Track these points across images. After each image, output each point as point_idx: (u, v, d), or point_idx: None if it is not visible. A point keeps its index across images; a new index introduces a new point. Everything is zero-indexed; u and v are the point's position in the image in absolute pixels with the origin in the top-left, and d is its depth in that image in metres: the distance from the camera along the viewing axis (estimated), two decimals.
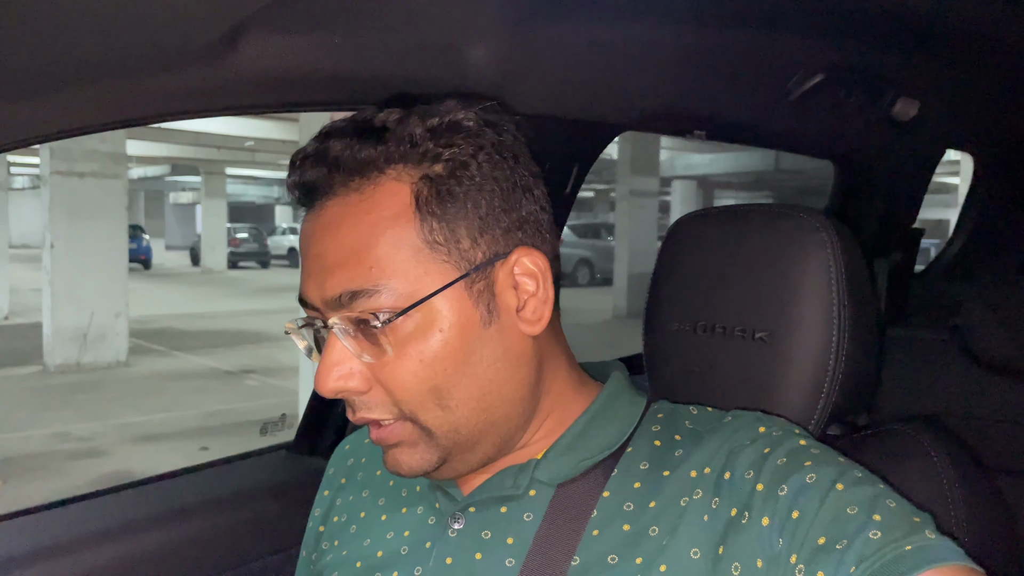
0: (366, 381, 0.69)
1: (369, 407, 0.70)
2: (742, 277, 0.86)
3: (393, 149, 0.68)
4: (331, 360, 0.68)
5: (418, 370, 0.68)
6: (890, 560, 0.56)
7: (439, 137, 0.68)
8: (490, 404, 0.70)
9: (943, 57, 1.36)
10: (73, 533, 1.05)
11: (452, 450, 0.71)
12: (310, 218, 0.70)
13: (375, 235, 0.66)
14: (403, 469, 0.71)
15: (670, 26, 1.10)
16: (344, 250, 0.67)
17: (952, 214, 15.30)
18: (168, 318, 12.57)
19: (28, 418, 6.68)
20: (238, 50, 0.82)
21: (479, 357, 0.69)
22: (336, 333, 0.68)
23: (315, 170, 0.69)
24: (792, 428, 0.71)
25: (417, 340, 0.67)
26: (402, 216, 0.67)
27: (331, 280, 0.67)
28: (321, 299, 0.68)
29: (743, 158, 18.35)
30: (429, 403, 0.68)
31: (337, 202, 0.68)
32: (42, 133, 0.80)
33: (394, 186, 0.67)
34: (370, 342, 0.68)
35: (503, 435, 0.73)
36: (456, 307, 0.68)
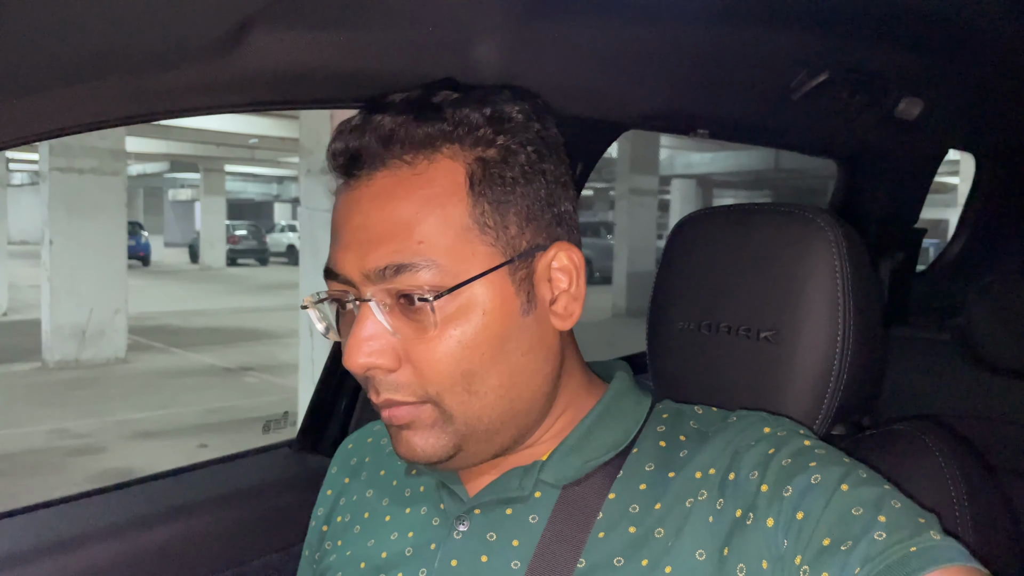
0: (397, 359, 0.67)
1: (395, 387, 0.68)
2: (747, 276, 0.86)
3: (450, 129, 0.68)
4: (363, 334, 0.66)
5: (456, 352, 0.66)
6: (895, 561, 0.55)
7: (494, 123, 0.69)
8: (516, 395, 0.70)
9: (947, 57, 1.36)
10: (76, 530, 1.05)
11: (469, 438, 0.70)
12: (353, 187, 0.69)
13: (426, 211, 0.66)
14: (417, 453, 0.70)
15: (674, 25, 1.10)
16: (392, 223, 0.66)
17: (951, 214, 15.31)
18: (167, 315, 12.56)
19: (27, 414, 6.68)
20: (243, 47, 0.81)
21: (514, 345, 0.69)
22: (372, 307, 0.67)
23: (367, 140, 0.68)
24: (797, 428, 0.71)
25: (459, 321, 0.66)
26: (455, 195, 0.67)
27: (376, 252, 0.66)
28: (360, 271, 0.67)
29: (743, 157, 18.35)
30: (459, 387, 0.67)
31: (388, 174, 0.67)
32: (46, 130, 0.80)
33: (449, 164, 0.67)
34: (408, 319, 0.67)
35: (520, 428, 0.72)
36: (499, 292, 0.68)
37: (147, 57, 0.78)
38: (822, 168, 12.89)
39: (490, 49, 0.99)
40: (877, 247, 1.85)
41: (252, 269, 23.96)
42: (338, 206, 0.71)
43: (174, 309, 13.29)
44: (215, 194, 22.98)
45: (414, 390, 0.68)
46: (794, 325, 0.82)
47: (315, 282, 4.75)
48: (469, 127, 0.68)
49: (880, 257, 1.88)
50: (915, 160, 1.83)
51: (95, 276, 8.78)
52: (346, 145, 0.69)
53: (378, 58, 0.94)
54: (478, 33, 0.98)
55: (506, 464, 0.75)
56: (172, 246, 31.61)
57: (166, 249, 29.37)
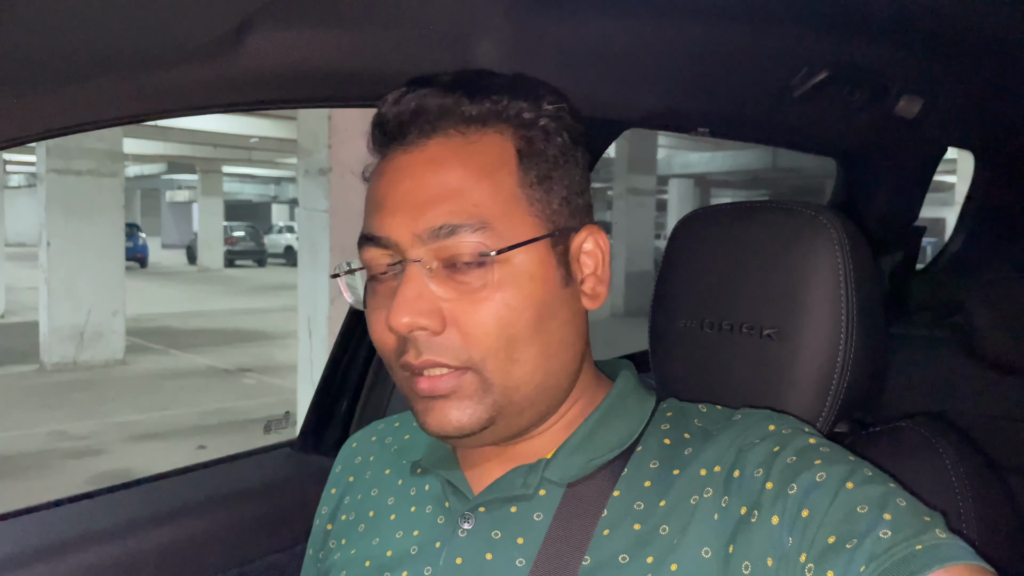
0: (442, 321, 0.68)
1: (438, 350, 0.68)
2: (750, 274, 0.86)
3: (499, 109, 0.71)
4: (410, 294, 0.67)
5: (503, 315, 0.68)
6: (900, 559, 0.55)
7: (535, 106, 0.73)
8: (551, 367, 0.71)
9: (946, 55, 1.36)
10: (77, 531, 1.05)
11: (504, 410, 0.70)
12: (403, 152, 0.71)
13: (479, 177, 0.69)
14: (450, 425, 0.69)
15: (674, 23, 1.10)
16: (448, 185, 0.68)
17: (948, 212, 15.32)
18: (165, 316, 12.56)
19: (25, 416, 6.67)
20: (243, 46, 0.81)
21: (554, 315, 0.71)
22: (420, 268, 0.68)
23: (420, 109, 0.70)
24: (802, 426, 0.71)
25: (507, 285, 0.68)
26: (505, 166, 0.70)
27: (431, 212, 0.68)
28: (412, 231, 0.68)
29: (740, 156, 18.36)
30: (501, 353, 0.68)
31: (442, 142, 0.70)
32: (44, 130, 0.79)
33: (498, 138, 0.71)
34: (455, 282, 0.68)
35: (548, 405, 0.73)
36: (543, 262, 0.70)
37: (146, 57, 0.78)
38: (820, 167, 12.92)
39: (489, 48, 0.99)
40: (877, 245, 1.85)
41: (250, 270, 23.95)
42: (382, 174, 0.72)
43: (172, 311, 13.28)
44: (212, 195, 22.96)
45: (457, 354, 0.68)
46: (797, 322, 0.82)
47: (313, 283, 4.70)
48: (516, 108, 0.72)
49: (880, 255, 1.88)
50: (914, 158, 1.83)
51: (93, 278, 8.77)
52: (400, 111, 0.71)
53: (377, 58, 0.94)
54: (477, 32, 0.98)
55: (512, 461, 0.75)
56: (169, 247, 31.62)
57: (164, 250, 29.40)
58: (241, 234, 25.62)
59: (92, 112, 0.81)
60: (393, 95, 0.72)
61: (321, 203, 4.45)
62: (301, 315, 4.79)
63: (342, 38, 0.89)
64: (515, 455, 0.76)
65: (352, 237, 0.74)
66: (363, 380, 1.36)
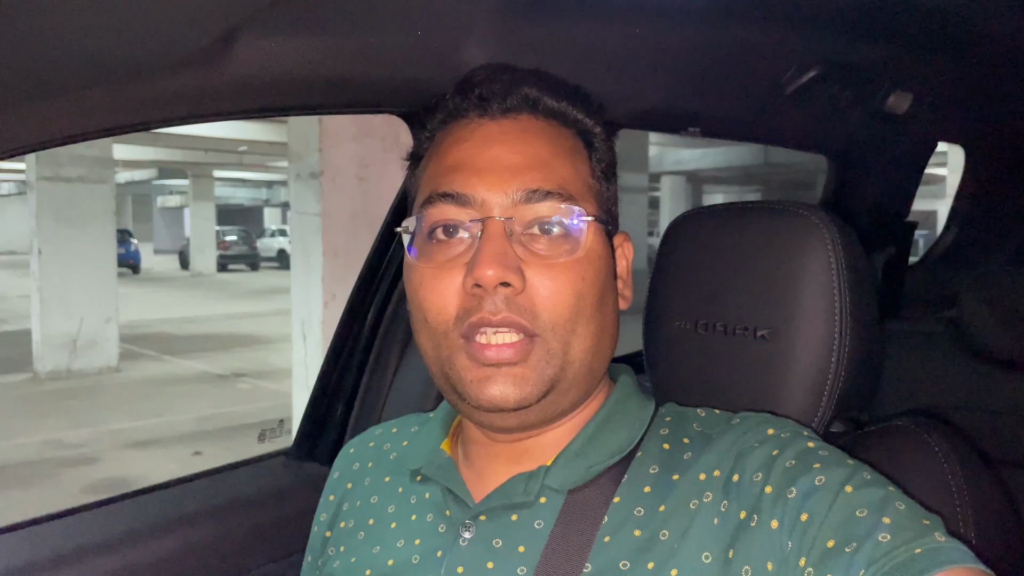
0: (523, 281, 0.69)
1: (516, 309, 0.69)
2: (743, 275, 0.86)
3: (572, 110, 0.78)
4: (497, 249, 0.68)
5: (578, 287, 0.71)
6: (900, 563, 0.55)
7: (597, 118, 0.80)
8: (599, 348, 0.74)
9: (935, 50, 1.36)
10: (73, 544, 1.04)
11: (559, 384, 0.71)
12: (490, 121, 0.75)
13: (565, 157, 0.74)
14: (513, 396, 0.69)
15: (663, 24, 1.10)
16: (539, 156, 0.73)
17: (940, 205, 15.38)
18: (158, 322, 12.52)
19: (19, 426, 6.65)
20: (231, 55, 0.81)
21: (608, 299, 0.75)
22: (503, 228, 0.70)
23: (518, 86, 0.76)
24: (801, 430, 0.71)
25: (583, 260, 0.71)
26: (582, 155, 0.77)
27: (525, 176, 0.71)
28: (503, 190, 0.70)
29: (732, 153, 18.39)
30: (568, 325, 0.70)
31: (529, 119, 0.75)
32: (35, 142, 0.79)
33: (574, 134, 0.77)
34: (537, 246, 0.70)
35: (588, 388, 0.75)
36: (606, 249, 0.76)
37: (134, 67, 0.77)
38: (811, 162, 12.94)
39: (478, 51, 0.99)
40: (869, 241, 1.86)
41: (243, 274, 23.89)
42: (463, 139, 0.75)
43: (165, 316, 13.24)
44: (204, 200, 22.89)
45: (531, 318, 0.69)
46: (791, 323, 0.82)
47: (307, 287, 4.68)
48: (583, 115, 0.78)
49: (872, 251, 1.88)
50: (905, 153, 1.83)
51: (85, 285, 8.74)
52: (493, 83, 0.76)
53: (367, 64, 0.94)
54: (466, 35, 0.97)
55: (516, 464, 0.75)
56: (162, 253, 31.51)
57: (156, 256, 29.30)
58: (233, 238, 25.55)
59: (81, 124, 0.80)
60: (482, 68, 0.80)
61: (313, 207, 4.44)
62: (295, 319, 4.78)
63: (331, 45, 0.88)
64: (517, 457, 0.76)
65: (344, 240, 0.75)
66: (357, 387, 1.36)
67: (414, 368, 1.31)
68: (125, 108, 0.82)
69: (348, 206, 4.36)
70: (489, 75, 0.77)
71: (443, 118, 0.78)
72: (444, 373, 0.72)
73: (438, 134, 0.78)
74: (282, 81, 0.89)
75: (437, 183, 0.73)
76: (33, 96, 0.76)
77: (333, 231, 4.39)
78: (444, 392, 0.76)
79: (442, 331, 0.71)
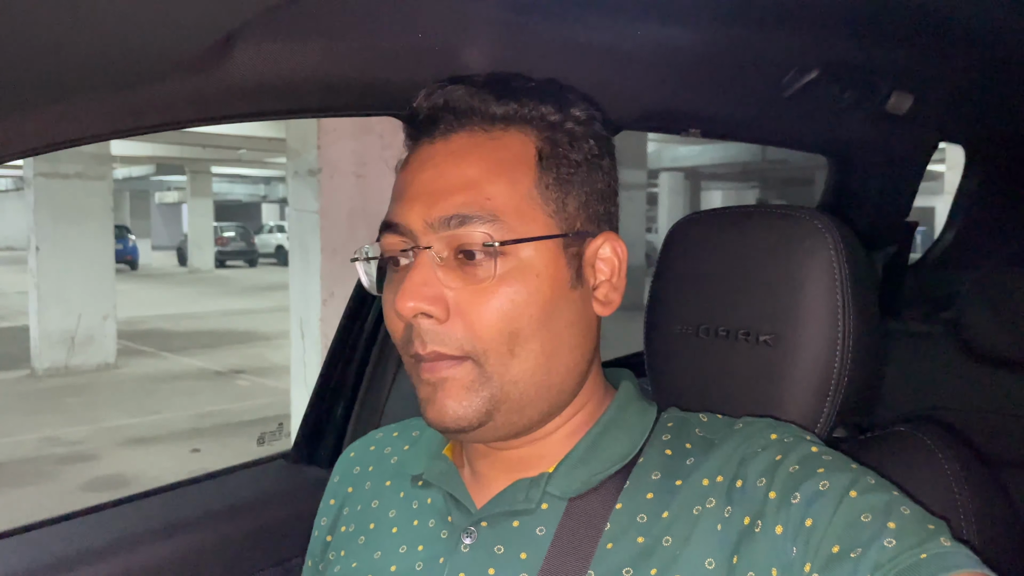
0: (446, 310, 0.69)
1: (441, 339, 0.69)
2: (744, 279, 0.85)
3: (525, 112, 0.73)
4: (418, 280, 0.69)
5: (507, 309, 0.69)
6: (905, 568, 0.55)
7: (563, 111, 0.75)
8: (553, 366, 0.72)
9: (936, 50, 1.35)
10: (73, 549, 1.04)
11: (502, 404, 0.70)
12: (428, 144, 0.74)
13: (498, 172, 0.71)
14: (448, 417, 0.70)
15: (663, 25, 1.09)
16: (465, 177, 0.70)
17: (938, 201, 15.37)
18: (156, 319, 12.51)
19: (17, 423, 6.64)
20: (230, 59, 0.80)
21: (559, 314, 0.72)
22: (430, 256, 0.69)
23: (449, 104, 0.73)
24: (804, 435, 0.71)
25: (514, 279, 0.69)
26: (525, 164, 0.72)
27: (445, 202, 0.69)
28: (425, 219, 0.70)
29: (730, 149, 18.38)
30: (503, 346, 0.69)
31: (466, 136, 0.73)
32: (35, 146, 0.78)
33: (521, 138, 0.73)
34: (463, 272, 0.69)
35: (551, 404, 0.74)
36: (553, 261, 0.71)
37: (132, 72, 0.77)
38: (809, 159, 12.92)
39: (478, 52, 0.98)
40: (870, 241, 1.85)
41: (241, 271, 23.88)
42: (408, 165, 0.75)
43: (163, 313, 13.23)
44: (202, 196, 22.86)
45: (460, 344, 0.69)
46: (793, 328, 0.81)
47: (305, 284, 4.67)
48: (541, 112, 0.74)
49: (872, 251, 1.88)
50: (906, 154, 1.83)
51: (83, 281, 8.73)
52: (428, 105, 0.74)
53: (365, 66, 0.93)
54: (465, 39, 0.97)
55: (515, 471, 0.75)
56: (160, 249, 31.46)
57: (154, 252, 29.24)
58: (231, 234, 25.54)
59: (80, 128, 0.80)
60: (426, 90, 0.75)
61: (311, 204, 4.43)
62: (293, 317, 4.78)
63: (330, 48, 0.88)
64: (518, 463, 0.75)
65: (342, 238, 0.76)
66: (357, 390, 1.36)
67: None
68: (124, 112, 0.81)
69: (346, 203, 4.36)
70: (428, 94, 0.74)
71: (405, 141, 0.78)
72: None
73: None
74: (281, 84, 0.88)
75: (388, 210, 0.75)
76: (33, 100, 0.76)
77: (331, 228, 4.39)
78: None
79: (401, 353, 0.74)
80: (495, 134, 0.73)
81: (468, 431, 0.71)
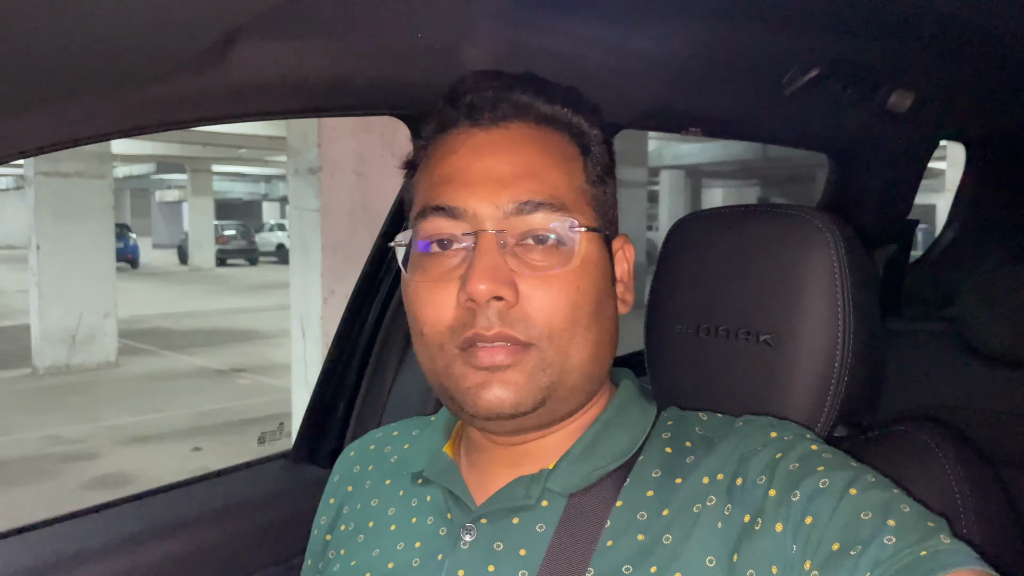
0: (516, 294, 0.69)
1: (509, 322, 0.68)
2: (745, 278, 0.85)
3: (566, 114, 0.77)
4: (489, 264, 0.68)
5: (573, 297, 0.70)
6: (905, 565, 0.55)
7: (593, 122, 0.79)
8: (600, 355, 0.74)
9: (938, 48, 1.35)
10: (71, 550, 1.04)
11: (555, 393, 0.71)
12: (483, 131, 0.74)
13: (556, 164, 0.73)
14: (508, 402, 0.69)
15: (665, 24, 1.09)
16: (530, 165, 0.72)
17: (939, 199, 15.36)
18: (157, 317, 12.51)
19: (18, 421, 6.65)
20: (231, 58, 0.80)
21: (605, 307, 0.74)
22: (496, 241, 0.69)
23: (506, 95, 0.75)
24: (804, 433, 0.71)
25: (579, 268, 0.71)
26: (575, 161, 0.75)
27: (516, 187, 0.70)
28: (493, 203, 0.70)
29: (732, 147, 18.36)
30: (564, 334, 0.70)
31: (521, 126, 0.74)
32: (35, 146, 0.78)
33: (567, 138, 0.76)
34: (530, 257, 0.70)
35: (588, 395, 0.75)
36: (603, 255, 0.75)
37: (134, 72, 0.77)
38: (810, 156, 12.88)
39: (478, 53, 0.98)
40: (870, 239, 1.85)
41: (242, 269, 23.88)
42: (454, 150, 0.74)
43: (164, 311, 13.24)
44: (202, 194, 22.86)
45: (525, 329, 0.69)
46: (794, 327, 0.81)
47: (305, 282, 4.67)
48: (577, 119, 0.77)
49: (873, 249, 1.88)
50: (907, 152, 1.82)
51: (84, 280, 8.73)
52: (482, 92, 0.74)
53: (366, 66, 0.93)
54: (465, 37, 0.97)
55: (517, 467, 0.75)
56: (160, 247, 31.47)
57: (154, 251, 29.26)
58: (232, 233, 25.54)
59: (81, 128, 0.80)
60: (472, 76, 0.77)
61: (311, 202, 4.43)
62: (294, 315, 4.78)
63: (331, 48, 0.88)
64: (519, 460, 0.75)
65: (343, 236, 0.75)
66: (357, 389, 1.36)
67: (415, 370, 1.30)
68: (126, 112, 0.81)
69: (347, 202, 4.36)
70: (478, 83, 0.76)
71: (435, 127, 0.77)
72: (442, 383, 0.73)
73: (431, 144, 0.78)
74: (283, 84, 0.88)
75: (430, 196, 0.73)
76: (36, 100, 0.76)
77: (332, 227, 4.38)
78: (444, 402, 0.76)
79: (438, 343, 0.71)
80: (545, 130, 0.75)
81: (517, 417, 0.70)
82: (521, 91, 0.75)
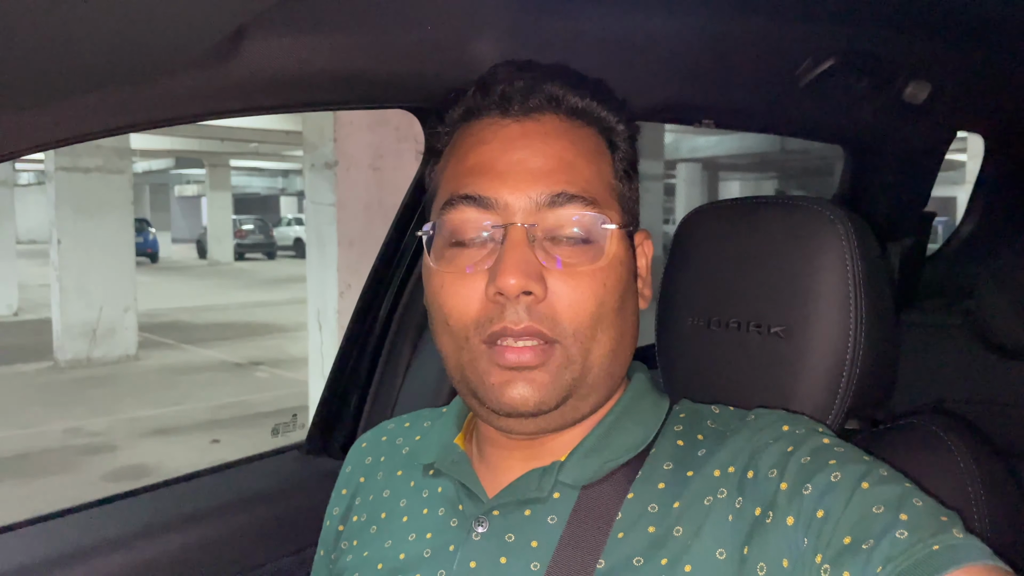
0: (545, 288, 0.68)
1: (537, 317, 0.68)
2: (756, 271, 0.85)
3: (595, 108, 0.76)
4: (520, 258, 0.67)
5: (599, 293, 0.70)
6: (918, 560, 0.55)
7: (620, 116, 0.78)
8: (619, 353, 0.73)
9: (954, 38, 1.34)
10: (88, 540, 1.05)
11: (579, 387, 0.71)
12: (515, 122, 0.73)
13: (588, 159, 0.73)
14: (533, 400, 0.69)
15: (678, 16, 1.09)
16: (563, 158, 0.71)
17: (959, 191, 15.19)
18: (176, 311, 12.61)
19: (40, 414, 6.73)
20: (242, 52, 0.81)
21: (628, 303, 0.74)
22: (525, 234, 0.69)
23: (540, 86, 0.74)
24: (816, 426, 0.70)
25: (605, 265, 0.70)
26: (604, 156, 0.75)
27: (547, 180, 0.70)
28: (526, 194, 0.69)
29: (748, 139, 18.25)
30: (588, 331, 0.69)
31: (553, 119, 0.74)
32: (49, 140, 0.79)
33: (595, 132, 0.76)
34: (559, 251, 0.69)
35: (608, 391, 0.75)
36: (628, 250, 0.75)
37: (145, 66, 0.77)
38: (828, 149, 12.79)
39: (489, 46, 0.98)
40: (887, 232, 1.84)
41: (260, 263, 24.01)
42: (484, 140, 0.73)
43: (183, 305, 13.34)
44: (221, 189, 23.00)
45: (552, 325, 0.68)
46: (805, 320, 0.81)
47: (322, 276, 4.70)
48: (606, 112, 0.77)
49: (890, 242, 1.86)
50: (923, 144, 1.80)
51: (104, 274, 8.82)
52: (515, 82, 0.74)
53: (376, 59, 0.93)
54: (476, 30, 0.97)
55: (530, 461, 0.75)
56: (179, 242, 31.72)
57: (174, 245, 29.49)
58: (250, 227, 25.67)
59: (93, 123, 0.80)
60: (504, 66, 0.77)
61: (328, 197, 4.45)
62: (311, 309, 4.81)
63: (342, 41, 0.88)
64: (531, 452, 0.75)
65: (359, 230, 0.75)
66: (370, 381, 1.36)
67: (427, 362, 1.31)
68: (139, 106, 0.82)
69: (363, 196, 4.37)
70: (511, 73, 0.75)
71: (463, 115, 0.77)
72: (464, 376, 0.72)
73: (457, 132, 0.77)
74: (293, 77, 0.89)
75: (458, 185, 0.72)
76: (49, 95, 0.76)
77: (348, 221, 4.40)
78: (463, 395, 0.75)
79: (463, 335, 0.71)
80: (575, 123, 0.74)
81: (539, 416, 0.70)
82: (553, 83, 0.74)
